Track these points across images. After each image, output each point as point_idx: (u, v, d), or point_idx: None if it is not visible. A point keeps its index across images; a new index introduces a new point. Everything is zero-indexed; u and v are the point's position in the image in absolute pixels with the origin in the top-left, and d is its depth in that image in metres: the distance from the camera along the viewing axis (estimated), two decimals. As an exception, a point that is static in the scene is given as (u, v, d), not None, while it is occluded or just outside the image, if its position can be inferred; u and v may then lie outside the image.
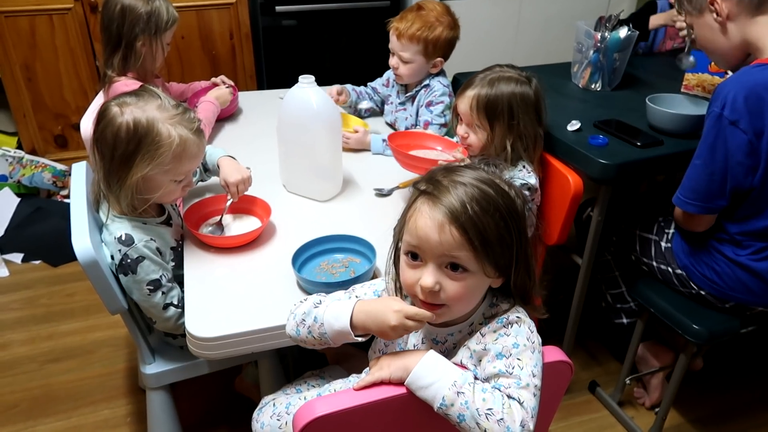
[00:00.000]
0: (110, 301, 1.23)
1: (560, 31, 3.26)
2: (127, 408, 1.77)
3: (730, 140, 1.28)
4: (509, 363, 0.83)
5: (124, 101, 1.21)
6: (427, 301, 0.86)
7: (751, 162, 1.29)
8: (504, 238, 0.84)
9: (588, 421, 1.78)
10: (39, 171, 2.69)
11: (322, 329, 0.94)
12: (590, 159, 1.48)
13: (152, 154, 1.19)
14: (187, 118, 1.24)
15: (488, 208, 0.82)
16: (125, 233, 1.22)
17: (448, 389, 0.79)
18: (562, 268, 2.19)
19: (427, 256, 0.84)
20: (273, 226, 1.44)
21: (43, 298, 2.22)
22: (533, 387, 0.81)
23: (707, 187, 1.34)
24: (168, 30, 1.76)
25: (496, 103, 1.44)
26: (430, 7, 1.79)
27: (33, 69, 2.64)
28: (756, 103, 1.24)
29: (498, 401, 0.78)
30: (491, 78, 1.46)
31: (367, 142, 1.82)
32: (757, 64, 1.29)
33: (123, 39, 1.70)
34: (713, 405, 1.85)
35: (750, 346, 2.05)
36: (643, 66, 2.16)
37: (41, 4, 2.54)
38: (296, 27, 2.90)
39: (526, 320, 0.88)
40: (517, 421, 0.77)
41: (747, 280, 1.41)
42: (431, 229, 0.82)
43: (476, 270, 0.84)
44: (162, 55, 1.80)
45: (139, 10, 1.68)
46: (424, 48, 1.78)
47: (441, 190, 0.83)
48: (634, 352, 1.72)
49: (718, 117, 1.28)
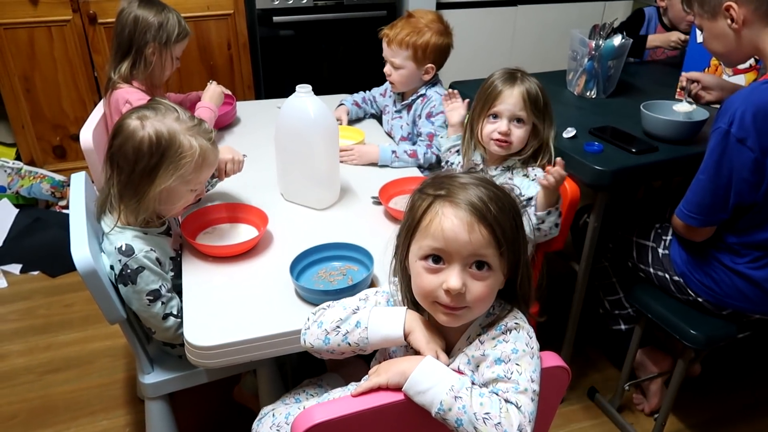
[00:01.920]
0: (109, 310, 1.24)
1: (556, 40, 3.29)
2: (125, 418, 1.77)
3: (736, 157, 1.28)
4: (508, 368, 0.83)
5: (143, 114, 1.22)
6: (451, 305, 0.85)
7: (756, 179, 1.29)
8: (516, 236, 0.86)
9: (587, 428, 1.78)
10: (37, 182, 2.69)
11: (364, 333, 0.93)
12: (586, 166, 1.49)
13: (176, 165, 1.22)
14: (204, 129, 1.28)
15: (503, 207, 0.84)
16: (126, 243, 1.23)
17: (446, 394, 0.79)
18: (560, 275, 2.20)
19: (454, 257, 0.84)
20: (271, 235, 1.44)
21: (41, 309, 2.22)
22: (531, 392, 0.82)
23: (711, 202, 1.34)
24: (179, 42, 1.82)
25: (543, 97, 1.48)
26: (420, 15, 1.82)
27: (32, 80, 2.65)
28: (764, 121, 1.24)
29: (495, 405, 0.79)
30: (521, 74, 1.49)
31: (374, 155, 1.80)
32: (765, 81, 1.28)
33: (133, 45, 1.75)
34: (712, 410, 1.85)
35: (747, 351, 2.06)
36: (638, 73, 2.18)
37: (40, 16, 2.56)
38: (294, 37, 2.92)
39: (525, 326, 0.89)
40: (515, 426, 0.77)
41: (744, 288, 1.42)
42: (460, 228, 0.82)
43: (497, 268, 0.85)
44: (171, 66, 1.85)
45: (151, 19, 1.75)
46: (414, 53, 1.80)
47: (456, 191, 0.84)
48: (633, 358, 1.72)
49: (726, 134, 1.27)
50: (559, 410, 1.83)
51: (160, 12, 1.77)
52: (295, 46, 2.95)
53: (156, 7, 1.78)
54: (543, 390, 0.85)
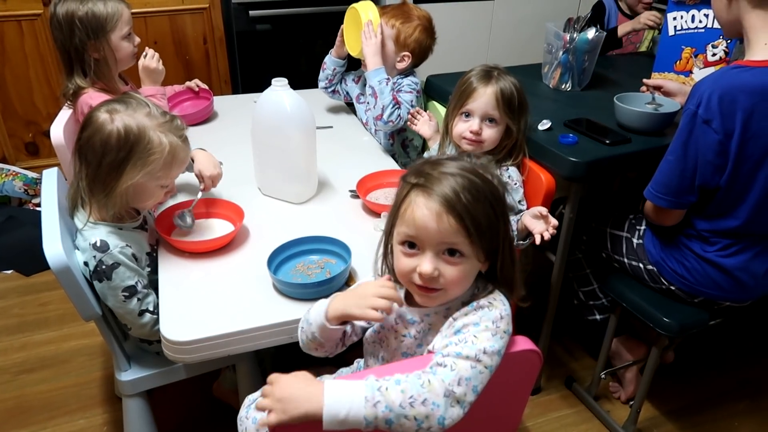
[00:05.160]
0: (84, 308, 1.22)
1: (533, 33, 3.31)
2: (103, 417, 1.75)
3: (701, 138, 1.30)
4: (462, 337, 0.85)
5: (113, 108, 1.20)
6: (426, 286, 0.89)
7: (720, 161, 1.31)
8: (493, 224, 0.88)
9: (565, 416, 1.81)
10: (9, 179, 2.65)
11: (311, 328, 0.99)
12: (561, 157, 1.50)
13: (144, 162, 1.19)
14: (175, 125, 1.25)
15: (478, 196, 0.86)
16: (100, 239, 1.21)
17: (363, 407, 0.77)
18: (536, 266, 2.22)
19: (425, 244, 0.88)
20: (247, 230, 1.44)
21: (15, 308, 2.18)
22: (476, 362, 0.81)
23: (678, 183, 1.36)
24: (114, 27, 1.62)
25: (517, 97, 1.48)
26: (414, 7, 1.88)
27: (2, 76, 2.60)
28: (729, 104, 1.26)
29: (415, 384, 0.79)
30: (498, 72, 1.49)
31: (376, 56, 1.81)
32: (736, 66, 1.31)
33: (70, 53, 1.61)
34: (686, 396, 1.89)
35: (719, 337, 2.10)
36: (612, 66, 2.21)
37: (10, 10, 2.51)
38: (271, 31, 2.90)
39: (499, 306, 0.90)
40: (441, 393, 0.78)
41: (715, 275, 1.45)
42: (429, 218, 0.85)
43: (471, 254, 0.88)
44: (116, 55, 1.65)
45: (73, 17, 1.57)
46: (397, 35, 1.84)
47: (432, 181, 0.87)
48: (608, 347, 1.75)
49: (693, 115, 1.30)
50: (537, 399, 1.86)
51: (81, 2, 1.58)
52: (272, 40, 2.92)
53: None
54: (515, 373, 0.86)
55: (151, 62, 1.76)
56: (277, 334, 1.15)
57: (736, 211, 1.37)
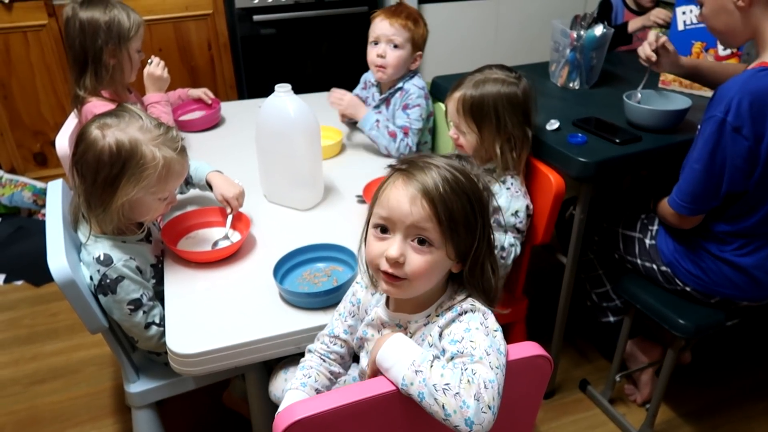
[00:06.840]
0: (90, 320, 1.21)
1: (539, 31, 3.28)
2: (114, 427, 1.74)
3: (730, 146, 1.27)
4: (462, 345, 0.85)
5: (104, 123, 1.18)
6: (390, 272, 0.89)
7: (749, 167, 1.29)
8: (469, 221, 0.88)
9: (580, 420, 1.78)
10: (19, 190, 2.66)
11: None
12: (570, 158, 1.48)
13: (138, 177, 1.17)
14: (170, 137, 1.22)
15: (457, 190, 0.86)
16: (104, 253, 1.20)
17: (407, 369, 0.82)
18: (548, 268, 2.20)
19: (396, 227, 0.88)
20: (254, 238, 1.42)
21: (26, 319, 2.19)
22: (487, 362, 0.82)
23: (705, 191, 1.34)
24: (133, 37, 1.68)
25: (482, 105, 1.43)
26: (410, 7, 1.86)
27: (9, 86, 2.61)
28: (759, 109, 1.23)
29: (456, 377, 0.80)
30: (478, 80, 1.45)
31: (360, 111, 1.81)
32: (762, 68, 1.27)
33: (89, 55, 1.64)
34: (703, 398, 1.85)
35: (736, 338, 2.06)
36: (621, 63, 2.17)
37: (15, 22, 2.52)
38: (275, 35, 2.89)
39: (481, 308, 0.91)
40: (472, 395, 0.78)
41: (732, 275, 1.42)
42: (404, 200, 0.86)
43: (440, 246, 0.88)
44: (130, 65, 1.71)
45: (98, 22, 1.62)
46: (412, 37, 1.81)
47: (416, 169, 0.88)
48: (623, 349, 1.72)
49: (721, 122, 1.26)
50: (551, 403, 1.83)
51: (105, 10, 1.63)
52: (277, 45, 2.92)
53: (100, 6, 1.64)
54: (525, 379, 0.85)
55: (156, 70, 1.78)
56: (284, 345, 1.14)
57: (758, 211, 1.34)
